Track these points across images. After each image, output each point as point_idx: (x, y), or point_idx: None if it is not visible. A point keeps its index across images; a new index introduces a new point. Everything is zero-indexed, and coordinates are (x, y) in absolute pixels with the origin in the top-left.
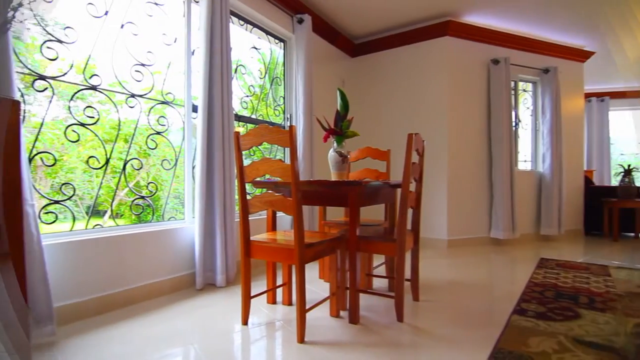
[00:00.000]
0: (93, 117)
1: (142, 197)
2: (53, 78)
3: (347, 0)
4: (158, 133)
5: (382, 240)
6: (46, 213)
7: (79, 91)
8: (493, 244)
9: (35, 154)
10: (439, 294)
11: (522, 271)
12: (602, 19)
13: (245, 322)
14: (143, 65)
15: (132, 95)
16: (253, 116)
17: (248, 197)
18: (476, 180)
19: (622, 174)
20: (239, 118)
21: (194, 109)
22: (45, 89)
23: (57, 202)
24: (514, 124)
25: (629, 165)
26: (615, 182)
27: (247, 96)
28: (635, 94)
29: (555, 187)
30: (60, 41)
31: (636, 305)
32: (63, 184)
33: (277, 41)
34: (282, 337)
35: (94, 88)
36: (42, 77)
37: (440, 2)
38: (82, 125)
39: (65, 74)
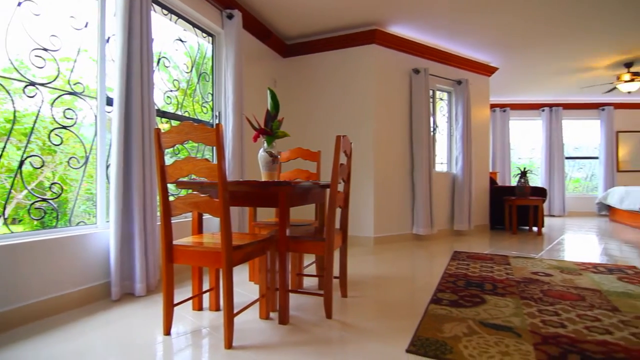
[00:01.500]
0: None
1: (44, 200)
2: None
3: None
4: (64, 127)
5: (311, 240)
6: None
7: None
8: (415, 240)
9: None
10: (366, 289)
11: (438, 264)
12: (506, 39)
13: (167, 332)
14: (46, 50)
15: (32, 84)
16: (178, 112)
17: (171, 198)
18: (400, 180)
19: (519, 175)
20: (163, 114)
21: (109, 101)
22: None
23: None
24: (432, 129)
25: (524, 168)
26: (514, 182)
27: (172, 90)
28: (530, 106)
29: (466, 187)
30: None
31: (529, 289)
32: None
33: (205, 35)
34: (209, 344)
35: None
36: None
37: (366, 11)
38: None
39: None
